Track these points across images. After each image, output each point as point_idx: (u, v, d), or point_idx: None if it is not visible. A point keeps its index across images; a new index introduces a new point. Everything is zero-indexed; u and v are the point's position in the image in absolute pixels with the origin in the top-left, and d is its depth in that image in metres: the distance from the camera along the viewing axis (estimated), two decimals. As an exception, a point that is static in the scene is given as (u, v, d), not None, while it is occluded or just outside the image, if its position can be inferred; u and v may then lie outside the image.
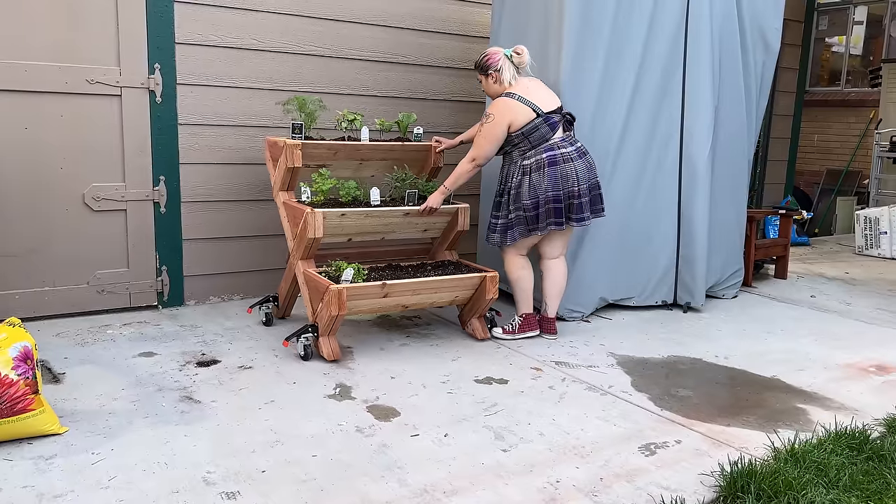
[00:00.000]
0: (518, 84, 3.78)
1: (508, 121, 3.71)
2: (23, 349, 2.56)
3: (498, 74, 3.76)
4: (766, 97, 4.96)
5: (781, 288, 5.36)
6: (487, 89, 3.86)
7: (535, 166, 3.73)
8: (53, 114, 3.84)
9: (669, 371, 3.53)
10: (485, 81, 3.84)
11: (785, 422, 2.98)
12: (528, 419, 2.90)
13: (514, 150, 3.79)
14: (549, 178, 3.70)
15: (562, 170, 3.71)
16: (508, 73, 3.77)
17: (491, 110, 3.74)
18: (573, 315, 4.31)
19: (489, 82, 3.82)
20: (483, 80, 3.85)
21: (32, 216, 3.87)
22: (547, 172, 3.71)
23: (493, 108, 3.75)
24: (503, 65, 3.75)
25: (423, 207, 3.79)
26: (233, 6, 4.20)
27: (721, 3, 4.44)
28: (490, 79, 3.80)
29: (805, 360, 3.77)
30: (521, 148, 3.76)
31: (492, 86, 3.82)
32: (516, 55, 3.78)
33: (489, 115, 3.74)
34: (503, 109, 3.72)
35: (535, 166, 3.73)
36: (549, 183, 3.70)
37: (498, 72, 3.76)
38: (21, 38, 3.71)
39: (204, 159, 4.26)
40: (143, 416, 2.82)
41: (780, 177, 7.32)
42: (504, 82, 3.77)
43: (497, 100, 3.77)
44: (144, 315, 4.14)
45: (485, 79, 3.83)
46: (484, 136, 3.75)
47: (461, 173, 3.79)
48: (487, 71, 3.79)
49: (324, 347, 3.51)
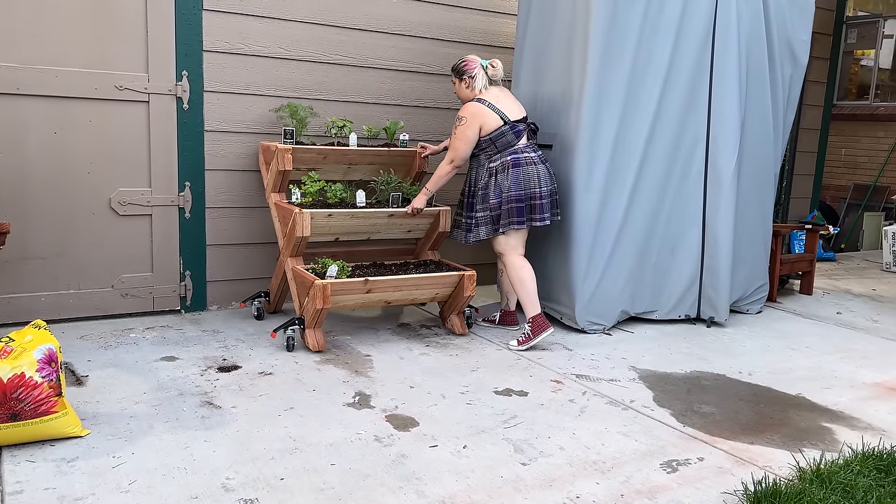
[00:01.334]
0: (488, 92, 4.00)
1: (479, 123, 3.92)
2: (47, 352, 2.59)
3: (471, 81, 3.97)
4: (793, 110, 4.90)
5: (807, 304, 5.29)
6: (459, 92, 4.07)
7: (501, 168, 3.96)
8: (82, 119, 3.89)
9: (692, 386, 3.48)
10: (458, 84, 4.04)
11: (810, 441, 2.93)
12: (548, 433, 2.88)
13: (482, 153, 4.01)
14: (512, 179, 3.92)
15: (524, 172, 3.94)
16: (480, 83, 3.97)
17: (463, 114, 3.96)
18: (594, 327, 4.28)
19: (461, 86, 4.02)
20: (456, 83, 4.06)
21: (59, 220, 3.92)
22: (511, 173, 3.93)
23: (464, 111, 3.96)
24: (478, 73, 3.96)
25: (409, 209, 4.02)
26: (260, 14, 4.24)
27: (749, 15, 4.40)
28: (463, 83, 4.01)
29: (831, 377, 3.71)
30: (487, 152, 3.98)
31: (463, 90, 4.03)
32: (491, 67, 3.98)
33: (462, 118, 3.95)
34: (475, 112, 3.92)
35: (501, 168, 3.96)
36: (513, 183, 3.92)
37: (472, 78, 3.96)
38: (53, 44, 3.77)
39: (229, 166, 4.30)
40: (164, 421, 2.83)
41: (807, 191, 7.22)
42: (475, 89, 3.98)
43: (468, 104, 3.97)
44: (167, 319, 4.18)
45: (458, 82, 4.03)
46: (458, 137, 3.95)
47: (441, 175, 4.01)
48: (462, 75, 3.99)
49: (309, 339, 3.72)
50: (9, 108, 3.72)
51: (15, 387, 2.49)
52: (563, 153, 4.22)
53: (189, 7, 4.04)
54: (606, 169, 4.16)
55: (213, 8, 4.11)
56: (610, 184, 4.19)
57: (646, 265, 4.41)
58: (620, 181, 4.22)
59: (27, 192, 3.82)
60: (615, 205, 4.23)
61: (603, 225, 4.21)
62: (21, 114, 3.75)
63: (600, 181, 4.16)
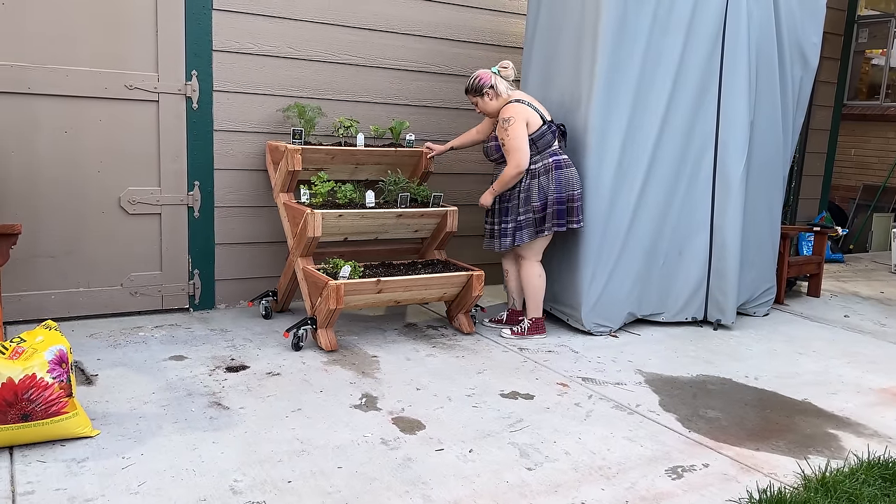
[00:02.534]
0: (516, 93, 3.99)
1: (525, 119, 3.90)
2: (58, 352, 2.62)
3: (493, 91, 3.97)
4: (803, 113, 4.88)
5: (814, 306, 5.27)
6: (485, 108, 4.02)
7: (543, 170, 3.96)
8: (93, 118, 3.92)
9: (698, 391, 3.49)
10: (482, 101, 4.01)
11: (816, 448, 2.93)
12: (554, 437, 2.89)
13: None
14: (555, 182, 3.95)
15: (565, 174, 3.97)
16: (503, 86, 3.99)
17: (508, 114, 3.91)
18: (601, 329, 4.28)
19: (486, 101, 4.00)
20: (479, 101, 4.02)
21: (69, 218, 3.94)
22: (554, 176, 3.95)
23: (507, 112, 3.92)
24: (495, 81, 3.96)
25: (480, 204, 4.07)
26: (269, 14, 4.25)
27: (759, 17, 4.38)
28: (486, 97, 3.98)
29: (837, 382, 3.70)
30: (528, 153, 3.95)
31: (489, 104, 4.00)
32: (503, 69, 4.01)
33: (508, 118, 3.89)
34: (519, 110, 3.90)
35: (543, 170, 3.96)
36: (556, 186, 3.95)
37: (492, 88, 3.96)
38: (64, 44, 3.79)
39: (237, 165, 4.31)
40: (173, 421, 2.86)
41: (816, 192, 7.20)
42: (502, 94, 3.98)
43: (508, 105, 3.93)
44: (175, 317, 4.20)
45: (480, 99, 4.01)
46: (514, 137, 3.88)
47: (507, 181, 3.96)
48: (482, 91, 3.97)
49: (321, 339, 3.75)
50: (20, 107, 3.74)
51: (26, 388, 2.51)
52: (572, 154, 4.22)
53: (199, 7, 4.05)
54: (615, 171, 4.16)
55: (223, 7, 4.12)
56: (618, 186, 4.19)
57: (653, 267, 4.41)
58: (628, 183, 4.22)
59: (38, 191, 3.85)
60: (623, 207, 4.23)
61: (611, 227, 4.21)
62: (32, 113, 3.77)
63: (608, 183, 4.16)
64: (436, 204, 4.15)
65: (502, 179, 3.96)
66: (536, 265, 4.10)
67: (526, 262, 4.10)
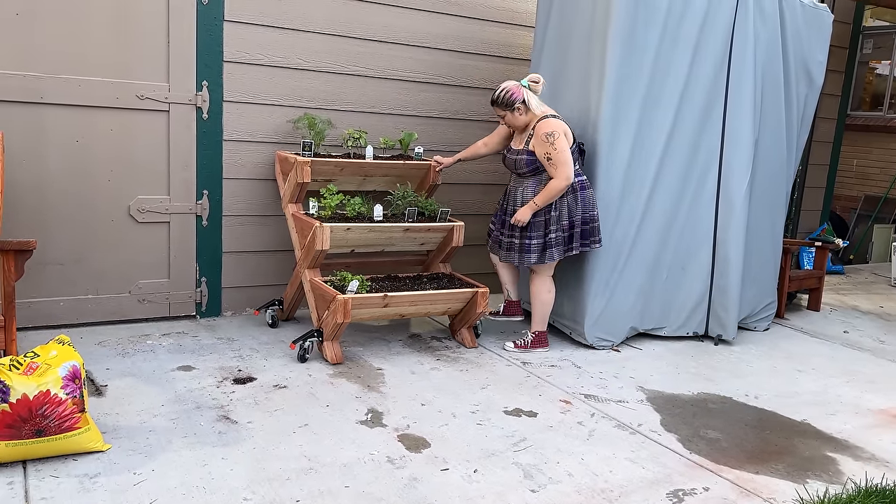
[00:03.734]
0: (547, 108, 3.99)
1: (565, 132, 3.90)
2: (71, 368, 2.66)
3: (524, 106, 3.93)
4: (807, 130, 4.92)
5: (814, 321, 5.32)
6: (513, 122, 4.00)
7: (570, 189, 3.96)
8: (104, 128, 3.95)
9: (699, 410, 3.54)
10: (509, 116, 3.97)
11: (814, 472, 2.98)
12: (557, 457, 2.93)
13: (544, 173, 3.97)
14: (581, 202, 4.00)
15: (587, 195, 4.02)
16: (535, 100, 3.94)
17: (549, 129, 3.87)
18: (603, 343, 4.33)
19: (516, 115, 3.96)
20: (508, 115, 3.97)
21: (79, 226, 3.98)
22: (580, 196, 4.00)
23: (547, 127, 3.88)
24: (527, 95, 3.92)
25: (514, 220, 3.97)
26: (279, 26, 4.28)
27: (765, 36, 4.41)
28: (517, 112, 3.94)
29: (836, 403, 3.75)
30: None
31: (519, 118, 3.96)
32: (533, 83, 3.97)
33: (552, 132, 3.86)
34: (558, 124, 3.90)
35: (570, 189, 3.96)
36: (581, 206, 4.00)
37: (524, 103, 3.92)
38: (77, 54, 3.82)
39: (246, 174, 4.35)
40: (183, 436, 2.90)
41: (817, 204, 7.23)
42: (534, 110, 3.94)
43: (548, 120, 3.92)
44: (182, 325, 4.24)
45: (510, 113, 3.96)
46: (562, 151, 3.86)
47: (554, 193, 3.90)
48: (513, 106, 3.93)
49: (327, 351, 3.80)
50: (32, 116, 3.78)
51: (41, 404, 2.56)
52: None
53: (210, 18, 4.08)
54: (620, 185, 4.20)
55: (234, 19, 4.15)
56: (623, 200, 4.23)
57: (656, 282, 4.45)
58: (633, 198, 4.26)
59: (48, 199, 3.88)
60: (628, 221, 4.27)
61: (615, 241, 4.25)
62: (44, 122, 3.81)
63: (614, 197, 4.20)
64: (443, 219, 4.19)
65: (548, 193, 3.89)
66: (548, 280, 4.13)
67: (539, 276, 4.12)
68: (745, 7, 4.30)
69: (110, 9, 3.85)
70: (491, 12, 4.97)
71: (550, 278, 4.14)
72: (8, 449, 2.54)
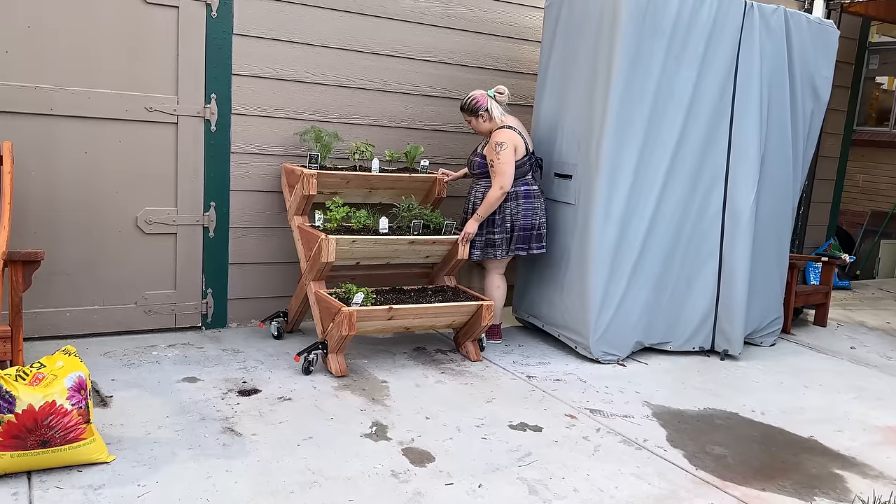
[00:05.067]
0: (508, 118, 4.24)
1: (514, 146, 4.17)
2: (77, 379, 2.66)
3: (487, 114, 4.23)
4: (813, 146, 4.92)
5: (821, 337, 5.30)
6: (478, 128, 4.28)
7: (514, 196, 4.25)
8: (112, 139, 3.97)
9: (705, 425, 3.52)
10: (474, 121, 4.28)
11: (821, 489, 2.96)
12: (563, 472, 2.92)
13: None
14: (522, 209, 4.26)
15: (531, 204, 4.28)
16: (497, 111, 4.24)
17: (501, 139, 4.16)
18: (608, 358, 4.31)
19: (479, 122, 4.27)
20: (472, 120, 4.29)
21: (86, 237, 4.00)
22: (522, 203, 4.26)
23: (500, 136, 4.17)
24: (491, 105, 4.21)
25: (462, 236, 4.20)
26: (288, 39, 4.31)
27: (772, 52, 4.42)
28: (481, 118, 4.25)
29: (843, 419, 3.73)
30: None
31: (482, 125, 4.24)
32: (499, 94, 4.25)
33: (501, 143, 4.14)
34: (510, 137, 4.18)
35: (514, 196, 4.25)
36: (522, 213, 4.26)
37: (487, 111, 4.22)
38: (87, 66, 3.85)
39: (253, 187, 4.37)
40: (187, 448, 2.90)
41: (824, 219, 7.22)
42: (495, 119, 4.23)
43: (501, 130, 4.20)
44: (188, 336, 4.25)
45: (474, 119, 4.27)
46: (504, 162, 4.15)
47: (492, 202, 4.20)
48: (477, 112, 4.24)
49: (332, 363, 3.81)
50: (42, 128, 3.81)
51: (46, 414, 2.56)
52: (583, 183, 4.27)
53: (219, 31, 4.11)
54: (625, 200, 4.21)
55: (242, 32, 4.18)
56: (628, 215, 4.23)
57: (661, 297, 4.44)
58: (639, 213, 4.26)
59: (56, 210, 3.91)
60: (633, 236, 4.27)
61: (620, 256, 4.25)
62: (53, 134, 3.84)
63: (619, 212, 4.20)
64: (448, 232, 4.21)
65: (488, 201, 4.18)
66: (498, 276, 4.44)
67: (490, 274, 4.44)
68: (751, 22, 4.32)
69: (120, 22, 3.89)
70: (497, 27, 5.00)
71: (500, 275, 4.44)
72: (13, 460, 2.54)
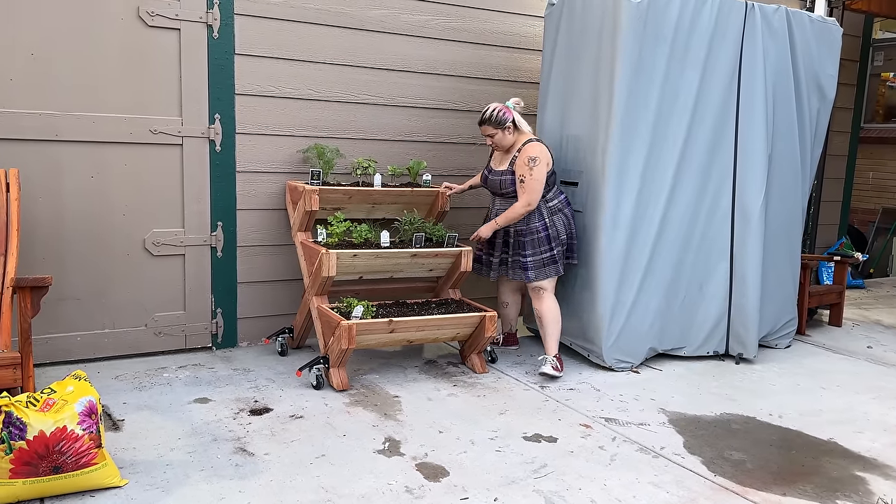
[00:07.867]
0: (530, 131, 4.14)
1: (547, 160, 4.03)
2: (88, 404, 2.65)
3: (513, 126, 4.07)
4: (820, 144, 4.88)
5: (836, 337, 5.24)
6: (501, 141, 4.10)
7: (558, 207, 4.14)
8: (118, 163, 3.99)
9: (722, 431, 3.47)
10: (501, 133, 4.07)
11: (843, 492, 2.90)
12: (579, 483, 2.88)
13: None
14: (564, 219, 4.15)
15: (566, 214, 4.17)
16: (522, 122, 4.09)
17: (533, 153, 3.99)
18: (622, 365, 4.27)
19: (506, 134, 4.08)
20: (498, 133, 4.07)
21: (95, 261, 4.01)
22: (566, 213, 4.17)
23: (532, 150, 4.00)
24: (516, 116, 4.06)
25: (475, 236, 4.20)
26: (290, 58, 4.33)
27: (775, 52, 4.40)
28: (507, 131, 4.06)
29: (863, 420, 3.67)
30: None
31: (507, 137, 4.09)
32: (517, 104, 4.11)
33: (535, 158, 3.98)
34: (543, 150, 4.04)
35: (558, 207, 4.14)
36: (564, 224, 4.15)
37: (514, 123, 4.06)
38: (91, 91, 3.87)
39: (259, 205, 4.37)
40: (200, 469, 2.88)
41: (835, 218, 7.15)
42: (522, 129, 4.10)
43: (534, 144, 4.04)
44: (199, 357, 4.24)
45: (501, 132, 4.06)
46: (536, 178, 3.99)
47: (514, 217, 4.05)
48: (503, 125, 4.04)
49: (334, 378, 3.80)
50: (48, 154, 3.82)
51: (58, 440, 2.55)
52: (590, 190, 4.24)
53: (221, 52, 4.13)
54: (633, 206, 4.18)
55: (244, 52, 4.20)
56: (637, 221, 4.20)
57: (673, 302, 4.40)
58: (647, 219, 4.23)
59: (64, 235, 3.92)
60: (642, 242, 4.23)
61: (630, 262, 4.22)
62: (59, 159, 3.85)
63: (627, 219, 4.17)
64: (450, 244, 4.18)
65: (510, 215, 4.04)
66: (552, 297, 4.19)
67: (546, 293, 4.15)
68: (753, 23, 4.30)
69: (123, 46, 3.91)
70: (497, 37, 5.00)
71: (554, 296, 4.19)
72: (25, 487, 2.53)
